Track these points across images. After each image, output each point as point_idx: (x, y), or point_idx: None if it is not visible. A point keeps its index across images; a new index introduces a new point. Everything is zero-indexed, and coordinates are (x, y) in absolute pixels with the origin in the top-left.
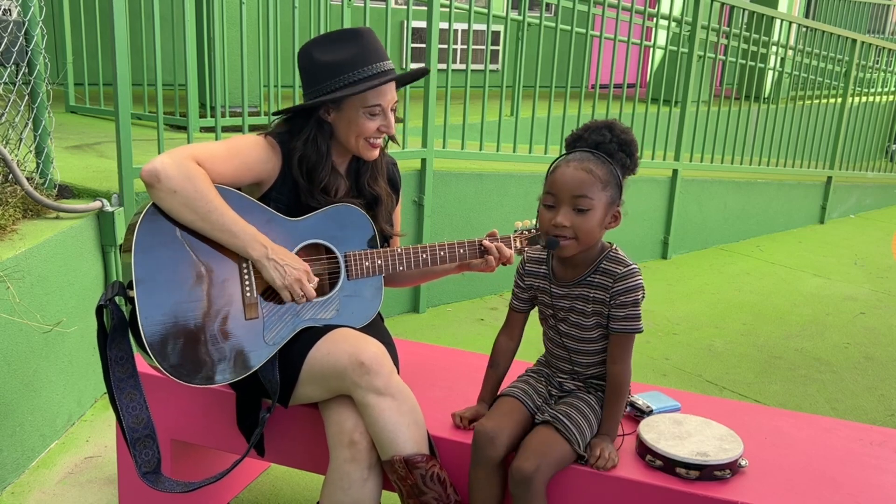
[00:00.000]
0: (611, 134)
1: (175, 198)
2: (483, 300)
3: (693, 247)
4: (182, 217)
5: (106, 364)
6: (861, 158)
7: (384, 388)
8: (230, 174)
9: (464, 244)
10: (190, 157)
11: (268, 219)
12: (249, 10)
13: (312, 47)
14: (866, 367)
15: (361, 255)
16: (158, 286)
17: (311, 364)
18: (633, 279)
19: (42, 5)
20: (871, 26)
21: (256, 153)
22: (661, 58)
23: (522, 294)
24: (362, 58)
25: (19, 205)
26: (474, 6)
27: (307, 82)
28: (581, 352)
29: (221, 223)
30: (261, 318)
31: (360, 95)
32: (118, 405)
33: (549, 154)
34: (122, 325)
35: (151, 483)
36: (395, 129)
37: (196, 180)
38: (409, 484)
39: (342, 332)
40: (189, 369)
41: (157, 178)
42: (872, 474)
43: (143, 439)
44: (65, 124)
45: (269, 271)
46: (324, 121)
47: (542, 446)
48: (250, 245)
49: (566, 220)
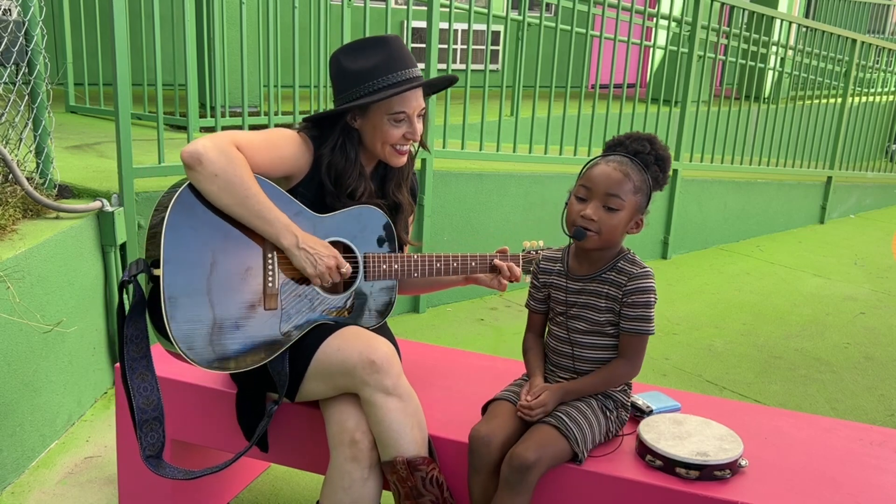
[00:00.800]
0: (651, 146)
1: (215, 181)
2: (483, 300)
3: (693, 247)
4: (219, 201)
5: (122, 341)
6: (861, 158)
7: (392, 388)
8: (266, 164)
9: (475, 258)
10: (232, 143)
11: (296, 211)
12: (249, 10)
13: (340, 55)
14: (866, 367)
15: (380, 258)
16: (185, 268)
17: (321, 359)
18: (647, 281)
19: (42, 5)
20: (871, 26)
21: (292, 148)
22: (661, 58)
23: (538, 293)
24: (387, 65)
25: (19, 205)
26: (474, 6)
27: (337, 89)
28: (587, 346)
29: (258, 210)
30: (280, 309)
31: (385, 102)
32: (129, 384)
33: (548, 154)
34: (140, 303)
35: (153, 467)
36: (420, 137)
37: (237, 166)
38: (408, 486)
39: (354, 330)
40: (205, 353)
41: (199, 160)
42: (872, 474)
43: (150, 421)
44: (65, 124)
45: (301, 260)
46: (351, 127)
47: (543, 440)
48: (282, 234)
49: (595, 213)
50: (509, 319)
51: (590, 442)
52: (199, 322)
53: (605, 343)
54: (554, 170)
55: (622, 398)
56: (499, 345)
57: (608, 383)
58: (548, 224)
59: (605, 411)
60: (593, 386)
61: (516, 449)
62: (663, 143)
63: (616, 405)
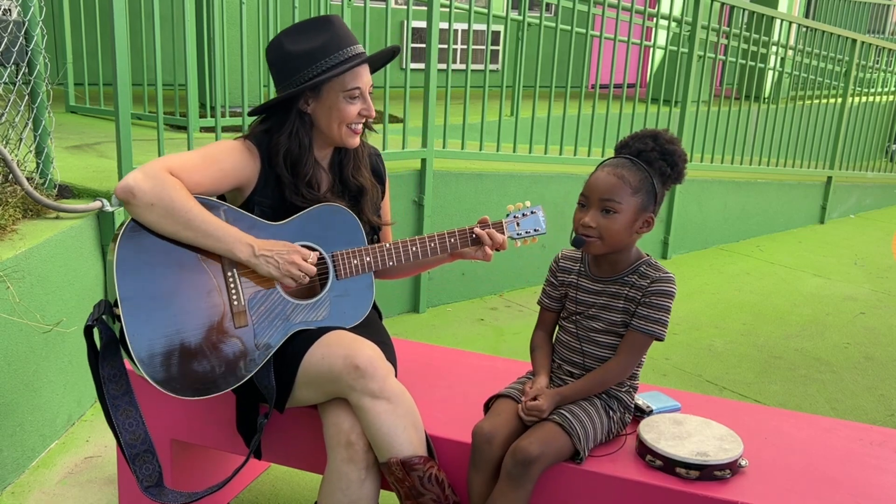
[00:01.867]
0: (654, 143)
1: (153, 210)
2: (483, 300)
3: (693, 247)
4: (163, 229)
5: (99, 383)
6: (861, 158)
7: (379, 392)
8: (207, 182)
9: (454, 233)
10: (163, 169)
11: (250, 225)
12: (249, 10)
13: (283, 39)
14: (866, 367)
15: (349, 254)
16: (144, 303)
17: (307, 368)
18: (669, 284)
19: (42, 5)
20: (871, 26)
21: (233, 158)
22: (661, 58)
23: (553, 291)
24: (335, 43)
25: (19, 205)
26: (474, 6)
27: (282, 75)
28: (600, 345)
29: (204, 229)
30: (251, 325)
31: (339, 80)
32: (115, 423)
33: (548, 154)
34: (112, 342)
35: (154, 496)
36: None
37: (171, 190)
38: (406, 486)
39: (337, 336)
40: (182, 383)
41: (133, 193)
42: (872, 474)
43: (141, 454)
44: (65, 124)
45: (263, 267)
46: (304, 112)
47: (547, 436)
48: (236, 246)
49: (592, 220)
50: (509, 319)
51: (591, 440)
52: (169, 354)
53: (618, 343)
54: (554, 170)
55: (627, 399)
56: (499, 345)
57: (602, 385)
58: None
59: (609, 411)
60: (588, 389)
61: (520, 443)
62: (671, 136)
63: (620, 405)
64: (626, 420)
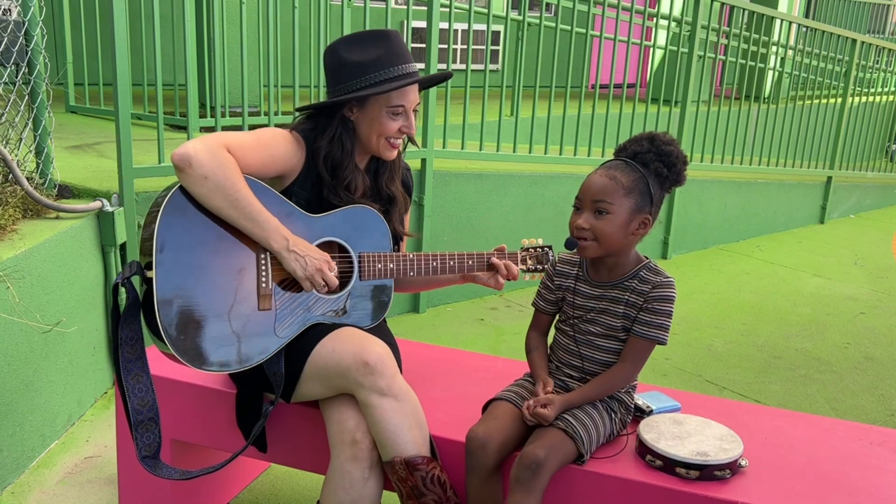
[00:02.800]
0: (650, 144)
1: (205, 183)
2: (483, 300)
3: (693, 247)
4: (210, 203)
5: (116, 343)
6: (861, 158)
7: (387, 389)
8: (257, 165)
9: (472, 256)
10: (222, 146)
11: (288, 212)
12: (249, 10)
13: (339, 46)
14: (866, 367)
15: (375, 257)
16: (177, 269)
17: (316, 360)
18: (671, 289)
19: (42, 5)
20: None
21: (283, 147)
22: (661, 58)
23: (549, 295)
24: (388, 59)
25: (19, 205)
26: (474, 6)
27: (332, 80)
28: (599, 349)
29: (248, 212)
30: (274, 310)
31: (385, 95)
32: (125, 386)
33: (548, 154)
34: (135, 305)
35: (150, 467)
36: (415, 131)
37: (227, 168)
38: (409, 485)
39: (348, 331)
40: (199, 354)
41: (189, 162)
42: (872, 474)
43: (146, 422)
44: (65, 124)
45: (290, 263)
46: (347, 119)
47: (552, 440)
48: (272, 237)
49: (585, 222)
50: (509, 319)
51: (594, 443)
52: (191, 323)
53: (617, 347)
54: (554, 170)
55: (627, 400)
56: (499, 345)
57: (609, 389)
58: (548, 224)
59: (610, 413)
60: (594, 395)
61: (527, 448)
62: (668, 137)
63: (621, 406)
64: (626, 420)
